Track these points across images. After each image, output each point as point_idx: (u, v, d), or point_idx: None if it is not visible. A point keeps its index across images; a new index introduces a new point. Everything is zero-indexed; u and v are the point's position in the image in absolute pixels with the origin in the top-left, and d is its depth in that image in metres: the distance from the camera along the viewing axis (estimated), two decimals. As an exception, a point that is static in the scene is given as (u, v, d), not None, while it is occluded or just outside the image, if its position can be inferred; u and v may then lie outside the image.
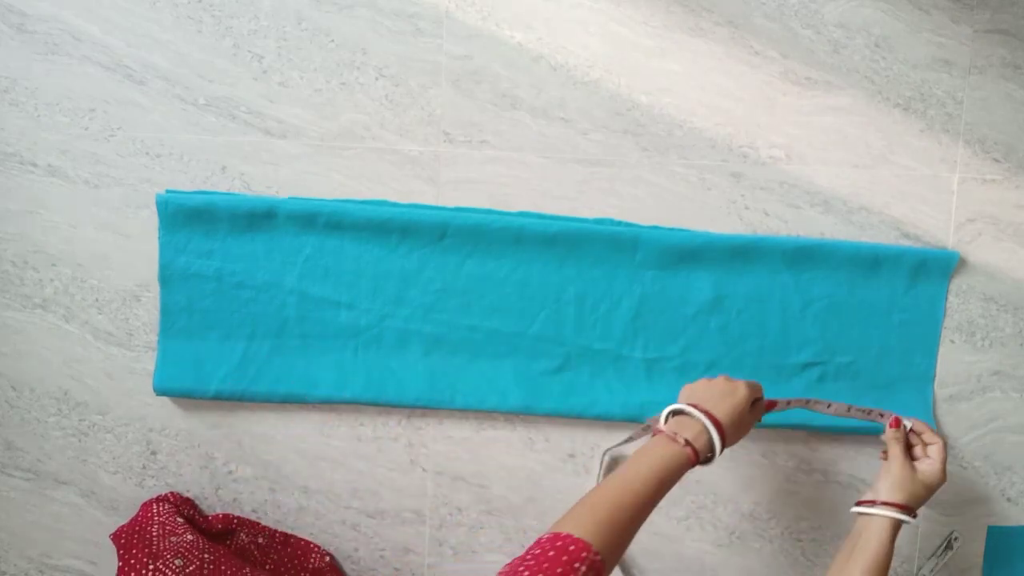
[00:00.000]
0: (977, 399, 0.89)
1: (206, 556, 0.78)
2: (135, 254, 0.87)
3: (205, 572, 0.76)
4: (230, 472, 0.90)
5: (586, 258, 0.86)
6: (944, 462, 0.76)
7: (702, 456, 0.68)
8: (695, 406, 0.70)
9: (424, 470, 0.90)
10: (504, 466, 0.90)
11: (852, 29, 0.85)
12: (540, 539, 0.58)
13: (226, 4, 0.85)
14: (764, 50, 0.85)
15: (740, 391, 0.73)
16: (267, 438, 0.89)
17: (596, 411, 0.87)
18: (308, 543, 0.90)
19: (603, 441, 0.89)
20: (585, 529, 0.58)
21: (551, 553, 0.56)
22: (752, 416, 0.75)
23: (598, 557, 0.57)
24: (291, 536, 0.90)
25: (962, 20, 0.85)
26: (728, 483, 0.90)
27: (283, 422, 0.89)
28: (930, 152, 0.87)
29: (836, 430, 0.88)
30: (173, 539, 0.79)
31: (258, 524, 0.89)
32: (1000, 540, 0.91)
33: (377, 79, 0.85)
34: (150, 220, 0.86)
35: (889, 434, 0.77)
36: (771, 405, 0.78)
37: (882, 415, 0.79)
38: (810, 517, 0.90)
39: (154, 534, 0.79)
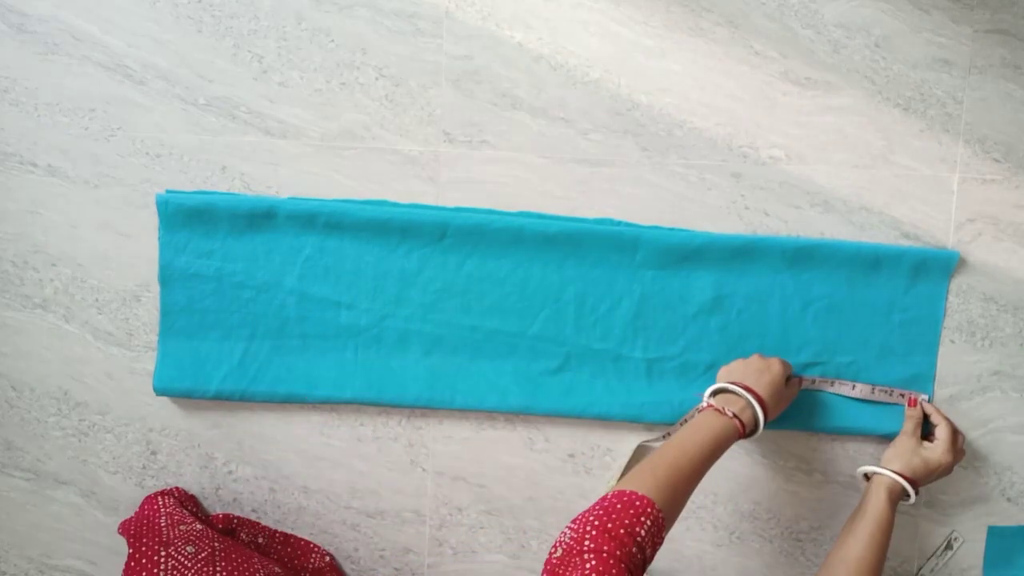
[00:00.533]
0: (977, 399, 0.89)
1: (216, 544, 0.78)
2: (135, 254, 0.87)
3: (217, 558, 0.76)
4: (230, 472, 0.90)
5: (586, 258, 0.86)
6: (949, 442, 0.82)
7: (748, 429, 0.74)
8: (737, 383, 0.77)
9: (424, 470, 0.90)
10: (504, 466, 0.90)
11: (852, 29, 0.85)
12: (605, 496, 0.62)
13: (226, 4, 0.85)
14: (764, 50, 0.85)
15: (775, 367, 0.79)
16: (267, 438, 0.89)
17: (596, 411, 0.87)
18: (308, 543, 0.90)
19: (603, 441, 0.89)
20: (648, 487, 0.63)
21: (618, 506, 0.60)
22: (789, 391, 0.82)
23: (660, 513, 0.61)
24: (291, 536, 0.90)
25: (962, 20, 0.85)
26: (728, 483, 0.90)
27: (283, 422, 0.89)
28: (930, 152, 0.87)
29: (836, 430, 0.88)
30: (183, 527, 0.79)
31: (258, 524, 0.89)
32: (1000, 540, 0.91)
33: (377, 79, 0.85)
34: (150, 220, 0.86)
35: (907, 412, 0.85)
36: (799, 381, 0.84)
37: (903, 395, 0.85)
38: (810, 517, 0.90)
39: (163, 524, 0.79)
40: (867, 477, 0.83)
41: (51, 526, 0.91)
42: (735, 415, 0.74)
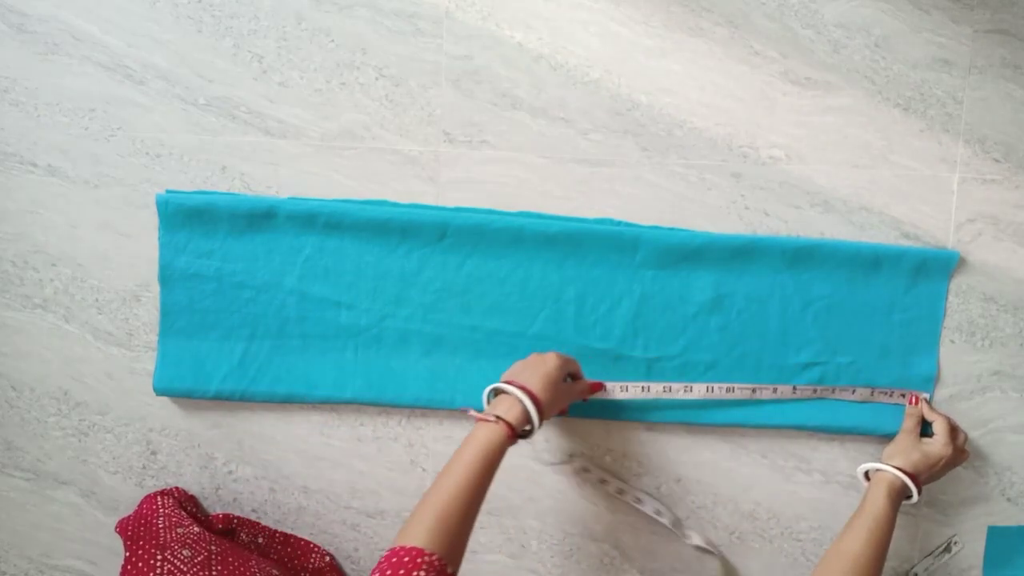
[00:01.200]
0: (977, 399, 0.89)
1: (213, 548, 0.78)
2: (135, 254, 0.87)
3: (213, 562, 0.76)
4: (230, 472, 0.90)
5: (586, 258, 0.86)
6: (947, 435, 0.82)
7: (519, 429, 0.72)
8: (508, 382, 0.75)
9: (424, 470, 0.90)
10: (504, 466, 0.90)
11: (852, 29, 0.85)
12: (380, 560, 0.62)
13: (226, 4, 0.85)
14: (764, 50, 0.85)
15: (549, 361, 0.78)
16: (267, 438, 0.89)
17: (597, 411, 0.87)
18: (308, 543, 0.90)
19: (603, 441, 0.89)
20: (417, 537, 0.63)
21: (388, 571, 0.60)
22: (576, 387, 0.82)
23: (434, 557, 0.61)
24: (291, 536, 0.90)
25: (962, 20, 0.85)
26: (728, 483, 0.90)
27: (283, 422, 0.89)
28: (930, 152, 0.87)
29: (836, 430, 0.88)
30: (180, 530, 0.79)
31: (258, 524, 0.89)
32: (1000, 540, 0.91)
33: (377, 79, 0.85)
34: (150, 220, 0.86)
35: (907, 410, 0.86)
36: (598, 387, 0.83)
37: (903, 395, 0.86)
38: (810, 517, 0.90)
39: (160, 526, 0.79)
40: (867, 477, 0.83)
41: (51, 526, 0.91)
42: (499, 417, 0.71)
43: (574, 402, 0.84)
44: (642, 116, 0.86)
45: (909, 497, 0.79)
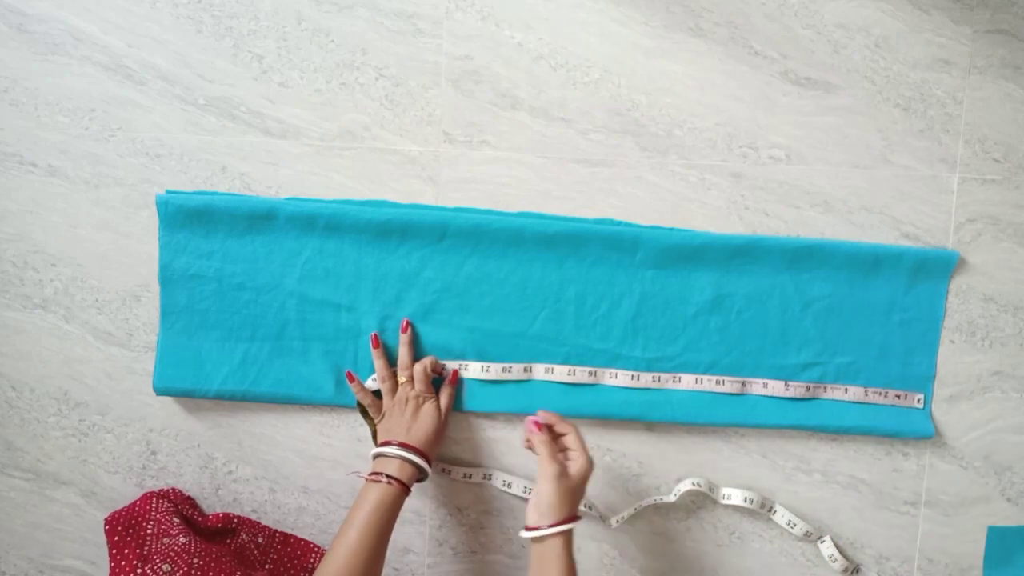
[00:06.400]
0: (977, 399, 0.89)
1: (195, 561, 0.77)
2: (135, 254, 0.87)
3: None
4: (230, 472, 0.90)
5: (586, 258, 0.86)
6: (583, 448, 0.75)
7: (411, 482, 0.77)
8: (388, 443, 0.78)
9: (424, 470, 0.90)
10: (503, 466, 0.90)
11: (852, 29, 0.85)
12: None
13: (226, 4, 0.85)
14: (764, 50, 0.85)
15: (423, 410, 0.81)
16: (267, 438, 0.89)
17: (596, 411, 0.87)
18: (308, 543, 0.90)
19: (603, 441, 0.89)
20: None
21: None
22: (444, 400, 0.84)
23: None
24: (291, 536, 0.90)
25: (962, 20, 0.85)
26: (728, 483, 0.90)
27: (283, 422, 0.89)
28: (930, 152, 0.87)
29: (836, 430, 0.88)
30: (166, 540, 0.79)
31: (258, 524, 0.89)
32: (1000, 540, 0.91)
33: (377, 79, 0.85)
34: (150, 220, 0.86)
35: (534, 440, 0.76)
36: (454, 376, 0.85)
37: (898, 396, 0.85)
38: (810, 517, 0.90)
39: (148, 532, 0.80)
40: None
41: (51, 526, 0.91)
42: (391, 478, 0.75)
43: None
44: (642, 116, 0.86)
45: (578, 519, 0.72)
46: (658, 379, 0.86)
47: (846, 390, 0.87)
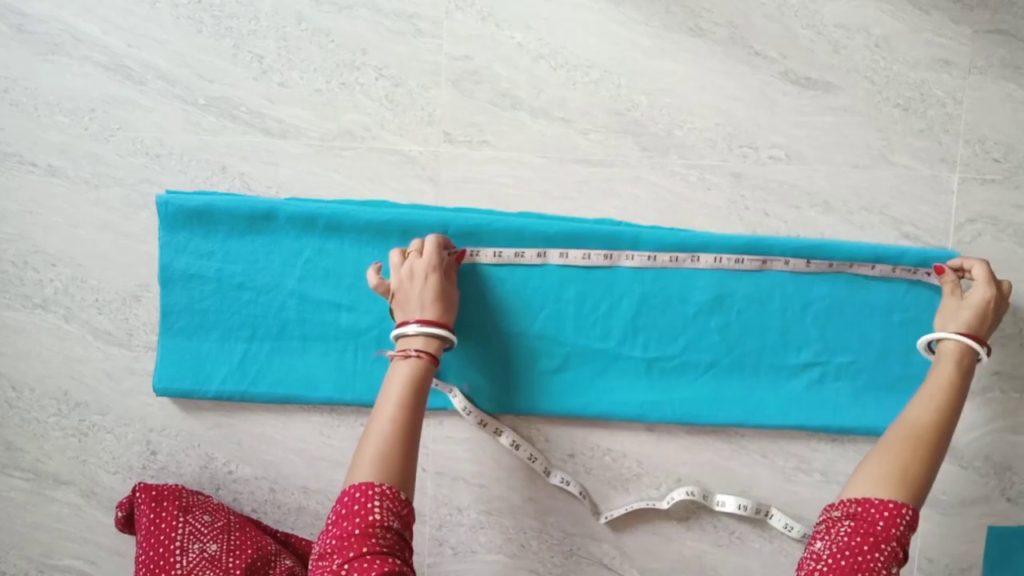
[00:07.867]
0: (977, 399, 0.89)
1: (232, 517, 0.83)
2: (135, 254, 0.87)
3: (232, 529, 0.80)
4: (230, 472, 0.90)
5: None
6: (986, 277, 0.78)
7: (439, 353, 0.76)
8: (406, 322, 0.76)
9: (424, 470, 0.90)
10: (504, 466, 0.90)
11: (852, 29, 0.85)
12: (335, 503, 0.65)
13: (226, 4, 0.85)
14: (764, 50, 0.85)
15: (430, 278, 0.76)
16: (267, 438, 0.89)
17: (596, 411, 0.87)
18: (308, 543, 0.90)
19: (603, 441, 0.89)
20: (362, 475, 0.66)
21: (343, 511, 0.63)
22: (450, 276, 0.81)
23: (384, 486, 0.65)
24: (291, 536, 0.90)
25: (962, 20, 0.85)
26: (728, 483, 0.90)
27: (283, 422, 0.89)
28: (930, 152, 0.87)
29: (836, 430, 0.88)
30: (200, 498, 0.84)
31: (258, 523, 0.89)
32: (1000, 540, 0.91)
33: (377, 79, 0.85)
34: (150, 220, 0.86)
35: (940, 280, 0.83)
36: (461, 255, 0.84)
37: (928, 273, 0.84)
38: (810, 517, 0.90)
39: (184, 493, 0.84)
40: (931, 349, 0.80)
41: (51, 526, 0.91)
42: (420, 351, 0.74)
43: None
44: (642, 116, 0.86)
45: (979, 359, 0.76)
46: (676, 259, 0.85)
47: (873, 267, 0.85)
